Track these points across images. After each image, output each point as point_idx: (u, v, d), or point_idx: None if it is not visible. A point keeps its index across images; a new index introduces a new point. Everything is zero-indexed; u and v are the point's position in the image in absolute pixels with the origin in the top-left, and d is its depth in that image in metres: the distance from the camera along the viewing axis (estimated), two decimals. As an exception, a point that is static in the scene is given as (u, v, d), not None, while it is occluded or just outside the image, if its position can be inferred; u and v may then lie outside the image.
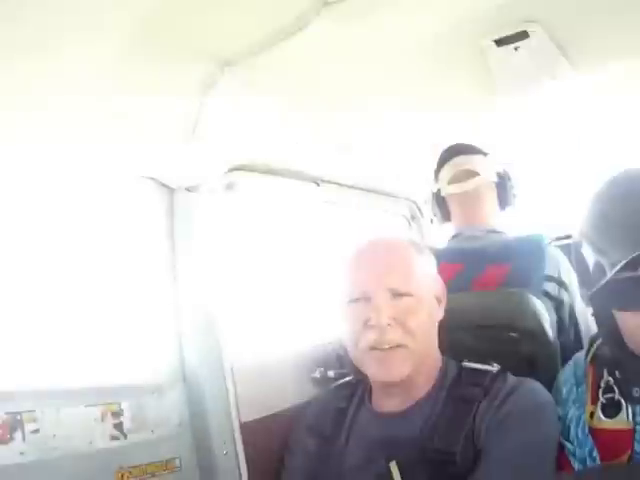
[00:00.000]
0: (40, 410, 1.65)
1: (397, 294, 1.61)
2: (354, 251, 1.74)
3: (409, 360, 1.60)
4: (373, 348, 1.61)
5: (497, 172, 2.49)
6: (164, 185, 2.01)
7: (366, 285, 1.63)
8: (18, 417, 1.60)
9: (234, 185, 2.18)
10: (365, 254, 1.73)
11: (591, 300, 1.42)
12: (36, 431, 1.62)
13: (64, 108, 1.56)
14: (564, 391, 1.60)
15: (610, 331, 1.42)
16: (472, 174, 2.44)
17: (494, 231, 2.43)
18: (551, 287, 2.19)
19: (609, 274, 1.24)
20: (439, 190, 2.52)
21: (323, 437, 1.79)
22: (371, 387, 1.79)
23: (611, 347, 1.48)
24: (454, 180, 2.46)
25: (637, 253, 1.18)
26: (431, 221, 2.68)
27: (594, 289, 1.29)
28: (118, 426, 1.81)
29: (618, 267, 1.21)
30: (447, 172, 2.48)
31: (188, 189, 2.02)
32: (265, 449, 2.03)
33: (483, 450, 1.50)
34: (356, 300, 1.65)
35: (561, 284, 2.21)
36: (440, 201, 2.53)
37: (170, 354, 2.05)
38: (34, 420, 1.63)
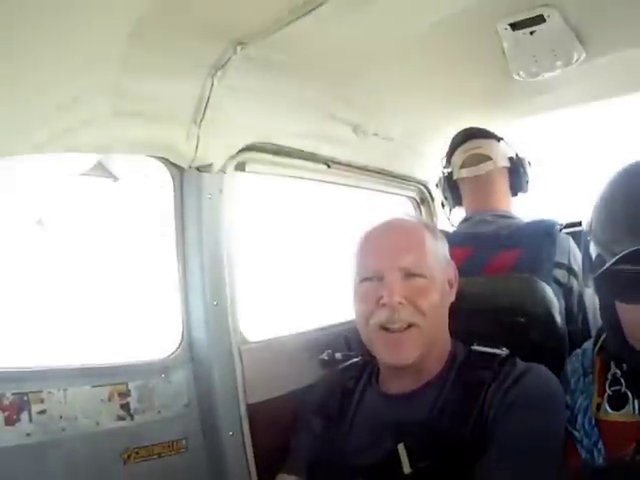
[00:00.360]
0: (47, 391, 1.65)
1: (410, 274, 1.60)
2: (368, 231, 1.73)
3: (420, 341, 1.59)
4: (384, 327, 1.60)
5: (510, 157, 2.47)
6: (174, 165, 1.98)
7: (379, 264, 1.62)
8: (25, 398, 1.59)
9: (245, 165, 2.15)
10: (379, 234, 1.72)
11: (595, 289, 1.42)
12: (43, 412, 1.62)
13: (76, 86, 1.53)
14: (572, 381, 1.59)
15: (611, 324, 1.40)
16: (484, 158, 2.43)
17: (505, 216, 2.40)
18: (561, 274, 2.18)
19: (608, 264, 1.24)
20: (451, 174, 2.50)
21: (330, 418, 1.78)
22: (379, 368, 1.78)
23: (612, 340, 1.47)
24: (466, 164, 2.45)
25: (637, 247, 1.18)
26: (442, 205, 2.65)
27: (594, 275, 1.30)
28: (125, 406, 1.81)
29: (617, 257, 1.21)
30: (459, 156, 2.47)
31: (199, 169, 1.99)
32: (272, 430, 2.02)
33: (491, 434, 1.50)
34: (368, 279, 1.64)
35: (571, 271, 2.20)
36: (452, 185, 2.51)
37: (178, 334, 2.05)
38: (41, 401, 1.62)
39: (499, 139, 2.48)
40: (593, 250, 1.34)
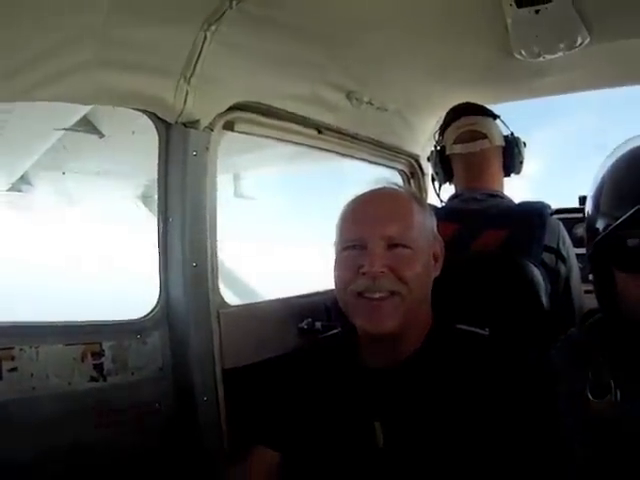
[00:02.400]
0: (18, 347, 1.61)
1: (393, 244, 1.54)
2: (354, 199, 1.68)
3: (400, 310, 1.54)
4: (363, 295, 1.54)
5: (505, 136, 2.42)
6: (161, 119, 1.92)
7: (362, 232, 1.56)
8: (-5, 355, 1.55)
9: (233, 124, 2.10)
10: (365, 202, 1.66)
11: (591, 258, 1.39)
12: (13, 369, 1.58)
13: (61, 32, 1.47)
14: (556, 365, 1.57)
15: (608, 295, 1.38)
16: (480, 135, 2.36)
17: (495, 195, 2.36)
18: (548, 257, 2.16)
19: (612, 225, 1.22)
20: (443, 148, 2.44)
21: (307, 390, 1.75)
22: (359, 342, 1.75)
23: (606, 313, 1.45)
24: (460, 140, 2.38)
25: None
26: (432, 180, 2.60)
27: (596, 240, 1.28)
28: (98, 367, 1.78)
29: (623, 218, 1.19)
30: (453, 131, 2.41)
31: (185, 125, 1.93)
32: (247, 397, 1.98)
33: (473, 416, 1.48)
34: (351, 247, 1.58)
35: (559, 256, 2.17)
36: (444, 160, 2.46)
37: (155, 294, 2.01)
38: (11, 358, 1.59)
39: (495, 117, 2.43)
40: (600, 224, 1.30)
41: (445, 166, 2.45)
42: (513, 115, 2.58)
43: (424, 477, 1.44)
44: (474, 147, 2.35)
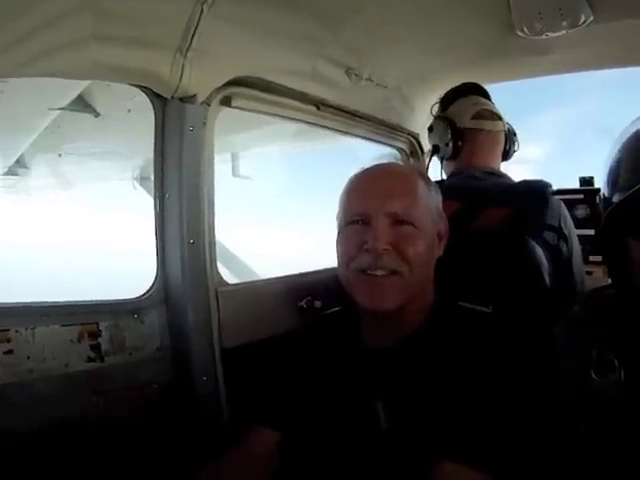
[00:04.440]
0: (14, 329, 1.59)
1: (398, 221, 1.52)
2: (358, 174, 1.66)
3: (403, 289, 1.52)
4: (365, 273, 1.52)
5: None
6: (157, 95, 1.89)
7: (367, 207, 1.54)
8: (-10, 337, 1.53)
9: (230, 100, 2.06)
10: (370, 177, 1.64)
11: (606, 229, 1.36)
12: (9, 352, 1.57)
13: (53, 5, 1.43)
14: (559, 344, 1.55)
15: (620, 265, 1.36)
16: (496, 117, 2.40)
17: (496, 174, 2.37)
18: (550, 237, 2.13)
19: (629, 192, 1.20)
20: (455, 122, 2.41)
21: (307, 369, 1.73)
22: (360, 320, 1.72)
23: (618, 284, 1.43)
24: (480, 116, 2.39)
25: None
26: (432, 153, 2.58)
27: (610, 208, 1.26)
28: (95, 348, 1.76)
29: (637, 187, 1.17)
30: (469, 106, 2.40)
31: (182, 99, 1.90)
32: (246, 377, 1.98)
33: (477, 393, 1.45)
34: (354, 222, 1.56)
35: (561, 235, 2.16)
36: (455, 132, 2.43)
37: (152, 273, 1.98)
38: (7, 340, 1.57)
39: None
40: (617, 198, 1.28)
41: (455, 139, 2.42)
42: (512, 101, 2.60)
43: (427, 457, 1.41)
44: (493, 126, 2.39)
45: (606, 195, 1.33)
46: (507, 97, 2.48)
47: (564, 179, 3.21)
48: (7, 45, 1.41)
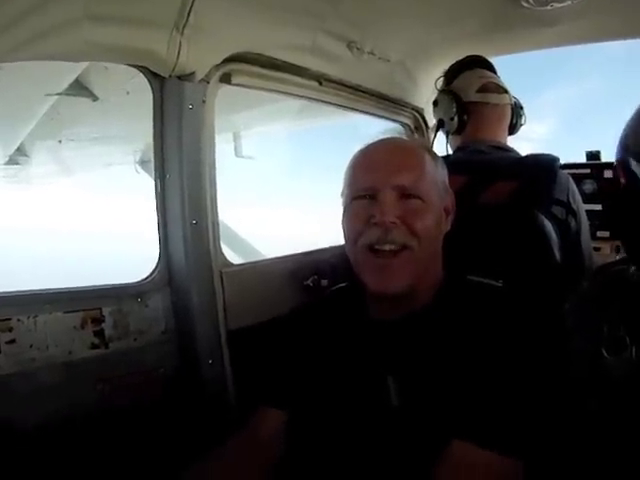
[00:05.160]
0: (16, 318, 1.57)
1: (405, 194, 1.49)
2: (364, 148, 1.62)
3: (412, 267, 1.50)
4: (374, 248, 1.49)
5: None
6: (154, 74, 1.86)
7: (374, 181, 1.51)
8: (-9, 327, 1.51)
9: (230, 76, 2.02)
10: (376, 151, 1.61)
11: (623, 196, 1.33)
12: (11, 341, 1.55)
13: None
14: (569, 321, 1.53)
15: (636, 238, 1.33)
16: (502, 90, 2.36)
17: (503, 148, 2.34)
18: (559, 211, 2.10)
19: None
20: (461, 96, 2.37)
21: (314, 346, 1.71)
22: (367, 295, 1.70)
23: (634, 258, 1.40)
24: (486, 89, 2.34)
25: None
26: (437, 128, 2.54)
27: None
28: (99, 334, 1.74)
29: None
30: (475, 79, 2.35)
31: (180, 78, 1.86)
32: (252, 358, 1.94)
33: (485, 370, 1.43)
34: (361, 197, 1.53)
35: (569, 210, 2.12)
36: (460, 105, 2.40)
37: (155, 256, 1.96)
38: (9, 329, 1.55)
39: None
40: (635, 167, 1.25)
41: (460, 113, 2.38)
42: (515, 79, 2.57)
43: (438, 435, 1.39)
44: (500, 99, 2.34)
45: (623, 159, 1.30)
46: (509, 77, 2.43)
47: (569, 156, 3.18)
48: None
